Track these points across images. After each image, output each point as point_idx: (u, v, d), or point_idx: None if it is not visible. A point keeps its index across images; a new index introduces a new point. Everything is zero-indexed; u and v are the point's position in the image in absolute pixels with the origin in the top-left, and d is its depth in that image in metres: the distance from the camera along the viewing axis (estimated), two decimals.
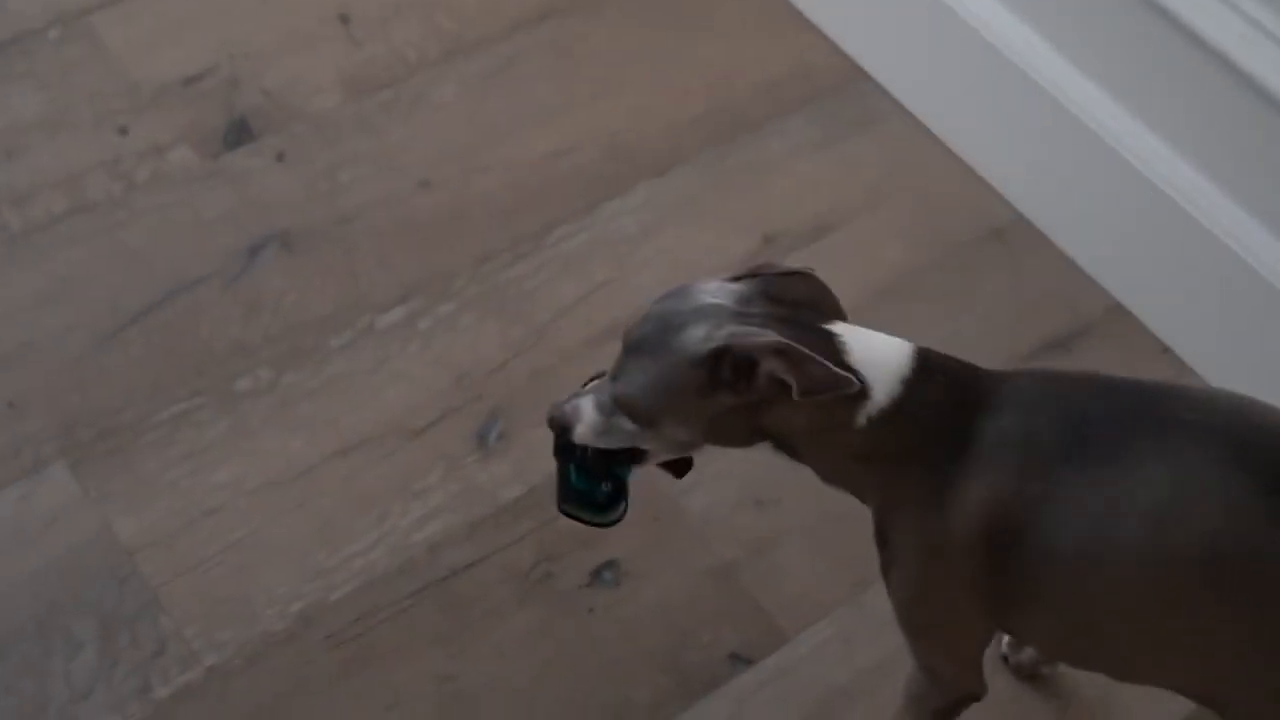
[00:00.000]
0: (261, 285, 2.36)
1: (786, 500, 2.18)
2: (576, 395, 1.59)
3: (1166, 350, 2.39)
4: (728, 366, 1.46)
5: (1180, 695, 1.62)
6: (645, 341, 1.51)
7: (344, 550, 2.11)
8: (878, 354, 1.50)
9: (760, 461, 2.20)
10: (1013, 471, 1.50)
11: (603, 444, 1.60)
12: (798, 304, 1.51)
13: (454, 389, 2.28)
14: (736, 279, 1.53)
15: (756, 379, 1.45)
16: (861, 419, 1.50)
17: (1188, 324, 2.34)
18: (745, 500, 2.19)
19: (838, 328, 1.51)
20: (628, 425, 1.56)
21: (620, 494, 1.69)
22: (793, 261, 2.47)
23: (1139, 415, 1.49)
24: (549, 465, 2.20)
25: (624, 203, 2.52)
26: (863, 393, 1.49)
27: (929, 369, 1.52)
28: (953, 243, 2.50)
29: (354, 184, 2.50)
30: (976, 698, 1.73)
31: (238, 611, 2.04)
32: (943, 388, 1.51)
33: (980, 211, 2.54)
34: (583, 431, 1.59)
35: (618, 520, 1.70)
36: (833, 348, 1.48)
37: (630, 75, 2.67)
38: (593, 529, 2.13)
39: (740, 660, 2.05)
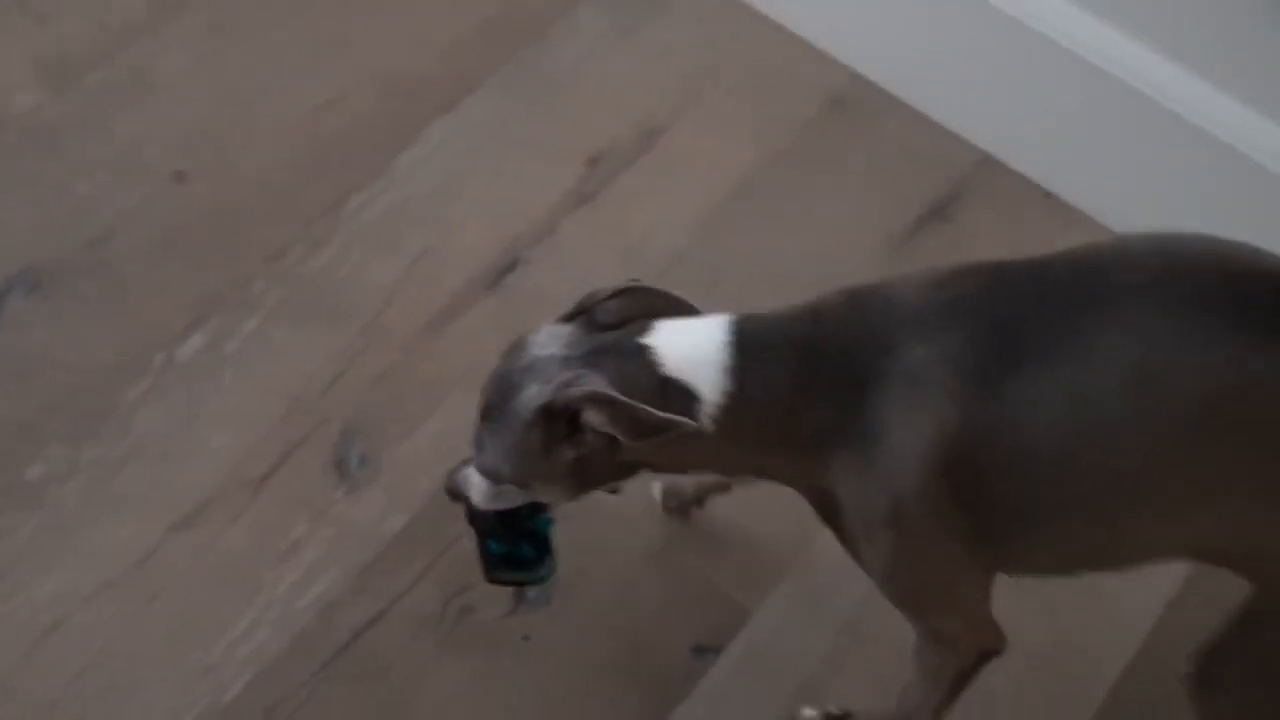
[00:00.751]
0: (20, 343, 2.10)
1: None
2: (463, 463, 1.67)
3: (1049, 196, 2.35)
4: (559, 423, 1.51)
5: (1200, 563, 1.60)
6: (491, 409, 1.58)
7: (222, 639, 1.91)
8: (694, 353, 1.51)
9: None
10: (945, 405, 1.45)
11: (501, 506, 1.68)
12: (627, 321, 1.55)
13: (290, 418, 2.08)
14: (567, 318, 1.58)
15: (585, 431, 1.50)
16: (710, 425, 1.51)
17: (1065, 163, 2.30)
18: None
19: (656, 336, 1.52)
20: (512, 488, 1.63)
21: (544, 548, 1.80)
22: (628, 182, 2.33)
23: (1063, 297, 1.45)
24: (428, 484, 2.03)
25: (418, 152, 2.33)
26: (694, 403, 1.50)
27: (756, 343, 1.51)
28: (794, 122, 2.39)
29: (96, 196, 2.24)
30: (997, 652, 1.67)
31: None
32: (783, 352, 1.50)
33: (814, 80, 2.43)
34: (477, 499, 1.68)
35: (550, 574, 1.82)
36: (648, 364, 1.51)
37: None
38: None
39: (706, 652, 1.94)
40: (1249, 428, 1.43)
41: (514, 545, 1.79)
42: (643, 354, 1.51)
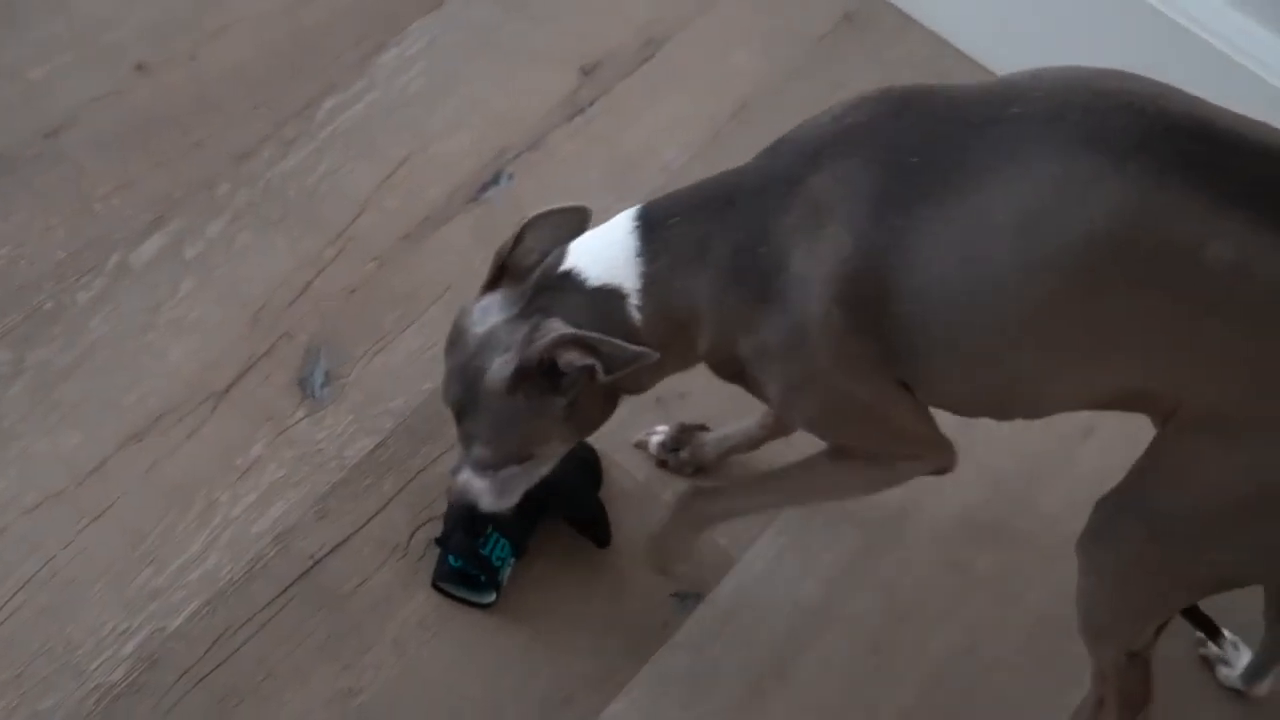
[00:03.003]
0: None
1: (691, 392, 2.05)
2: (457, 469, 1.75)
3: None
4: (537, 379, 1.61)
5: (1110, 409, 1.62)
6: (463, 404, 1.67)
7: (172, 562, 1.90)
8: (606, 253, 1.61)
9: None
10: (841, 232, 1.51)
11: (511, 499, 1.76)
12: (545, 255, 1.65)
13: (253, 329, 2.07)
14: (488, 287, 1.67)
15: (565, 375, 1.60)
16: (636, 318, 1.61)
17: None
18: (645, 399, 2.04)
19: (572, 258, 1.62)
20: (513, 469, 1.72)
21: (494, 581, 1.88)
22: (625, 94, 2.32)
23: (960, 129, 1.49)
24: (398, 402, 2.03)
25: (401, 52, 2.31)
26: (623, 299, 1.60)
27: (664, 218, 1.60)
28: (805, 38, 2.38)
29: (52, 81, 2.22)
30: (948, 468, 1.72)
31: (57, 668, 1.82)
32: (692, 216, 1.59)
33: None
34: (488, 502, 1.75)
35: (489, 604, 1.89)
36: (576, 286, 1.61)
37: None
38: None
39: (687, 598, 1.95)
40: (1137, 269, 1.45)
41: (470, 567, 1.87)
42: (569, 279, 1.61)
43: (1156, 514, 1.57)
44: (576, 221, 1.68)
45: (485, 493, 1.75)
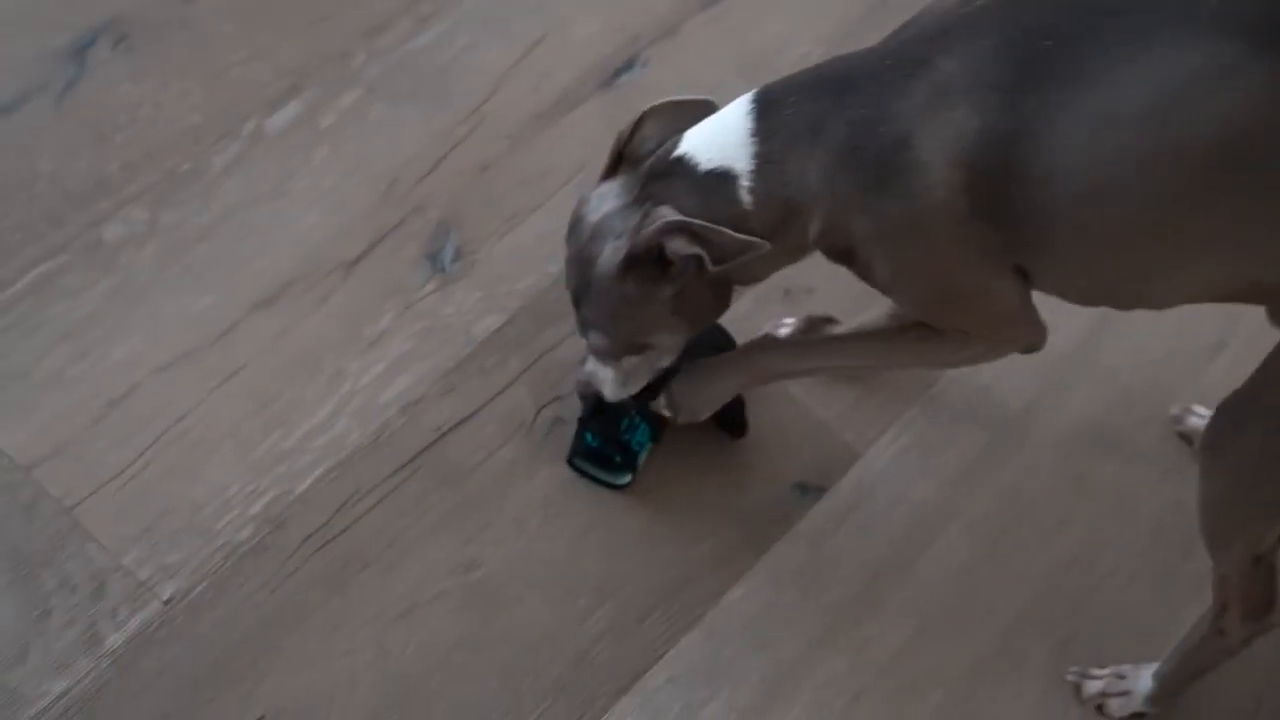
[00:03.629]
0: (103, 96, 2.10)
1: (820, 287, 2.05)
2: (582, 362, 1.79)
3: None
4: (646, 266, 1.63)
5: (1231, 301, 1.62)
6: (579, 290, 1.70)
7: (299, 427, 1.93)
8: (720, 136, 1.60)
9: None
10: (968, 117, 1.50)
11: (634, 387, 1.78)
12: (661, 144, 1.65)
13: (385, 201, 2.08)
14: (607, 174, 1.68)
15: (673, 262, 1.61)
16: (747, 201, 1.60)
17: None
18: (772, 293, 2.05)
19: (687, 143, 1.62)
20: (634, 359, 1.74)
21: (631, 463, 1.90)
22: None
23: (1093, 13, 1.47)
24: (527, 282, 2.05)
25: None
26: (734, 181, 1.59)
27: (782, 99, 1.59)
28: None
29: None
30: (1038, 348, 1.74)
31: (185, 524, 1.85)
32: (809, 94, 1.57)
33: None
34: (611, 390, 1.79)
35: (624, 485, 1.91)
36: (689, 171, 1.60)
37: None
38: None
39: (809, 490, 1.96)
40: (1267, 160, 1.44)
41: (607, 446, 1.89)
42: (681, 164, 1.61)
43: (1276, 413, 1.57)
44: (699, 112, 1.67)
45: (609, 381, 1.78)
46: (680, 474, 1.94)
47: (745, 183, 1.60)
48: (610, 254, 1.64)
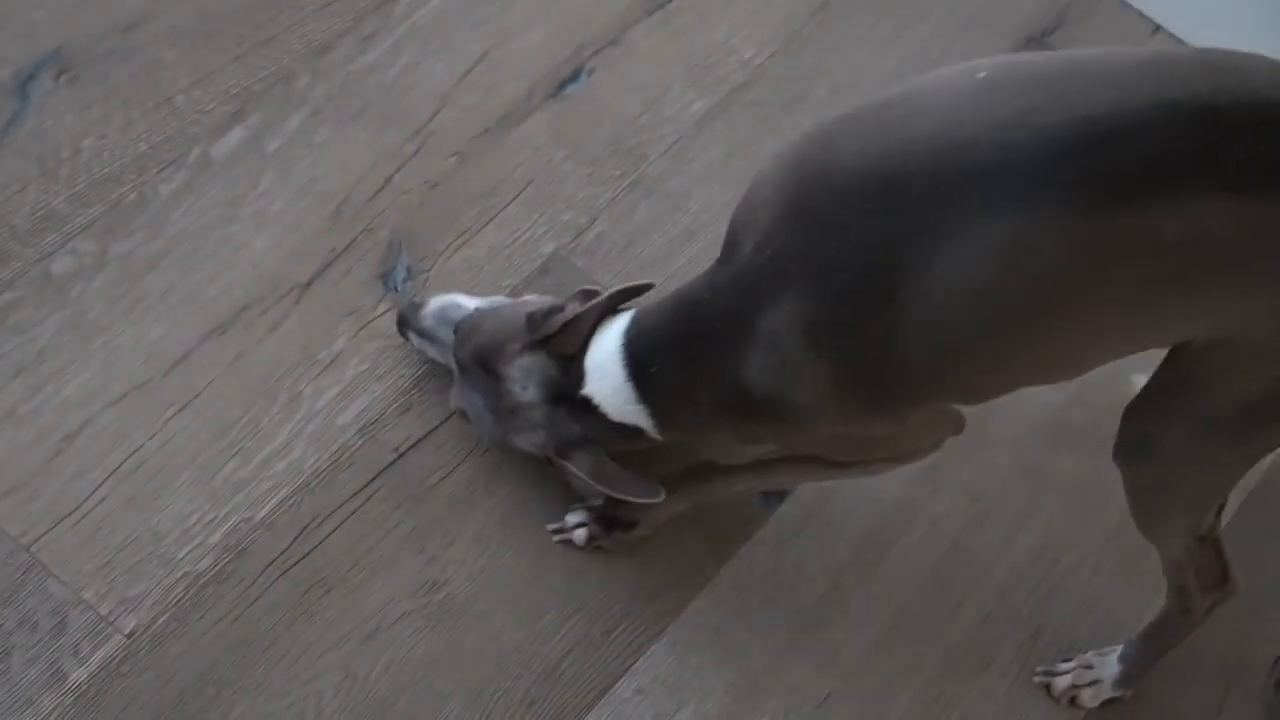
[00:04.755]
0: (47, 129, 2.10)
1: None
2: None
3: (1158, 29, 2.33)
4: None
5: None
6: (483, 394, 1.82)
7: (257, 453, 1.93)
8: (616, 398, 1.74)
9: None
10: (812, 365, 1.57)
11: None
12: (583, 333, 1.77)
13: (334, 223, 2.08)
14: (529, 344, 1.78)
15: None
16: (659, 437, 1.78)
17: None
18: None
19: (589, 382, 1.75)
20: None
21: None
22: None
23: (874, 220, 1.48)
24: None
25: None
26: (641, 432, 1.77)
27: (645, 365, 1.71)
28: None
29: None
30: (959, 433, 1.82)
31: (145, 556, 1.85)
32: (671, 368, 1.69)
33: None
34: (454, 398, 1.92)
35: None
36: (597, 413, 1.76)
37: None
38: None
39: (770, 496, 1.97)
40: (1114, 280, 1.45)
41: None
42: (592, 406, 1.75)
43: (1194, 419, 1.59)
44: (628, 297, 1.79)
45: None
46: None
47: (652, 433, 1.76)
48: (528, 440, 1.80)
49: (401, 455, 1.94)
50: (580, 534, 1.89)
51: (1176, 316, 1.50)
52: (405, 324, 1.93)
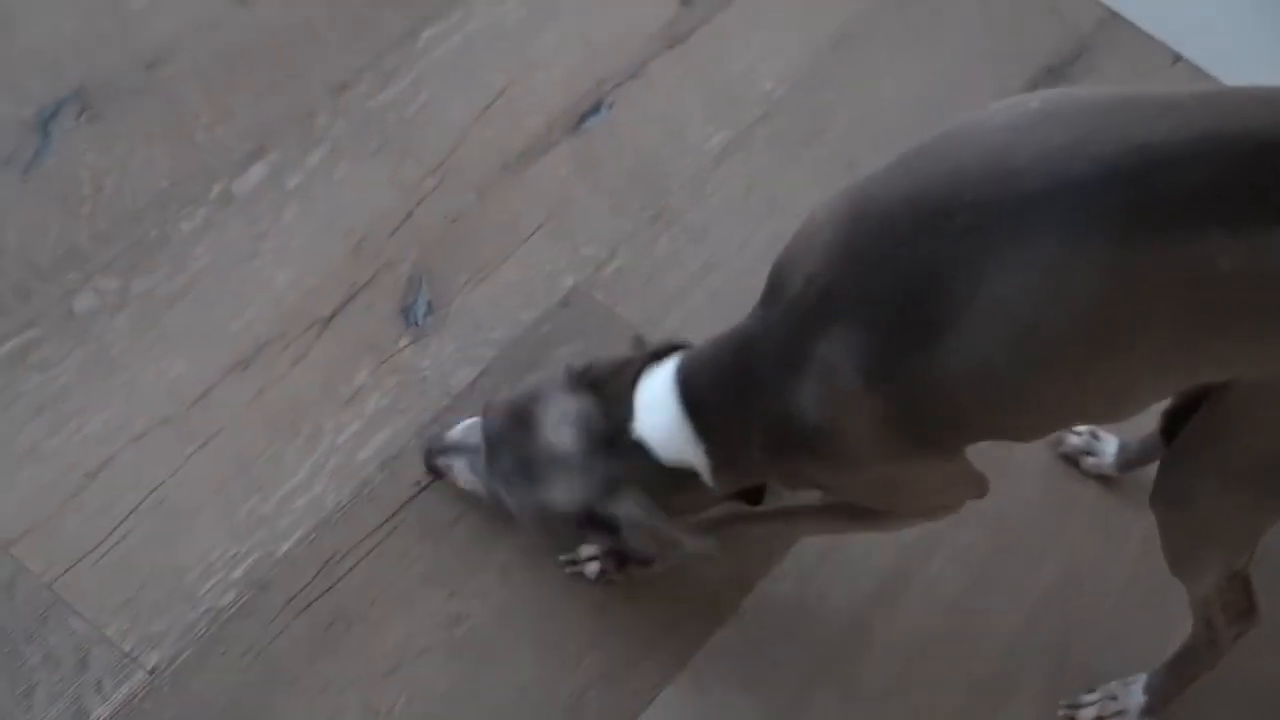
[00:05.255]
0: (69, 165, 2.11)
1: None
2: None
3: (1179, 59, 2.32)
4: (596, 521, 1.74)
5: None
6: (513, 470, 1.77)
7: (278, 489, 1.93)
8: (672, 439, 1.70)
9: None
10: (863, 396, 1.55)
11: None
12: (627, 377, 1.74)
13: (355, 258, 2.09)
14: (567, 385, 1.75)
15: (619, 531, 1.73)
16: (712, 485, 1.73)
17: (1197, 24, 2.27)
18: None
19: (640, 424, 1.71)
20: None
21: None
22: (724, 23, 2.33)
23: (926, 252, 1.48)
24: (500, 332, 2.06)
25: None
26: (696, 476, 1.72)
27: (701, 405, 1.68)
28: None
29: (152, 12, 2.24)
30: (980, 497, 1.78)
31: (167, 593, 1.85)
32: (727, 409, 1.66)
33: None
34: (463, 478, 1.91)
35: None
36: (647, 456, 1.71)
37: None
38: None
39: None
40: (1164, 311, 1.43)
41: None
42: (642, 450, 1.71)
43: (1229, 469, 1.58)
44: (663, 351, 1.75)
45: (465, 478, 1.90)
46: None
47: (707, 477, 1.71)
48: (564, 494, 1.73)
49: (423, 489, 1.94)
50: (593, 567, 1.88)
51: (1222, 351, 1.48)
52: (431, 455, 1.90)
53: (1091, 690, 1.88)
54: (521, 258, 2.10)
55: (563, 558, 1.90)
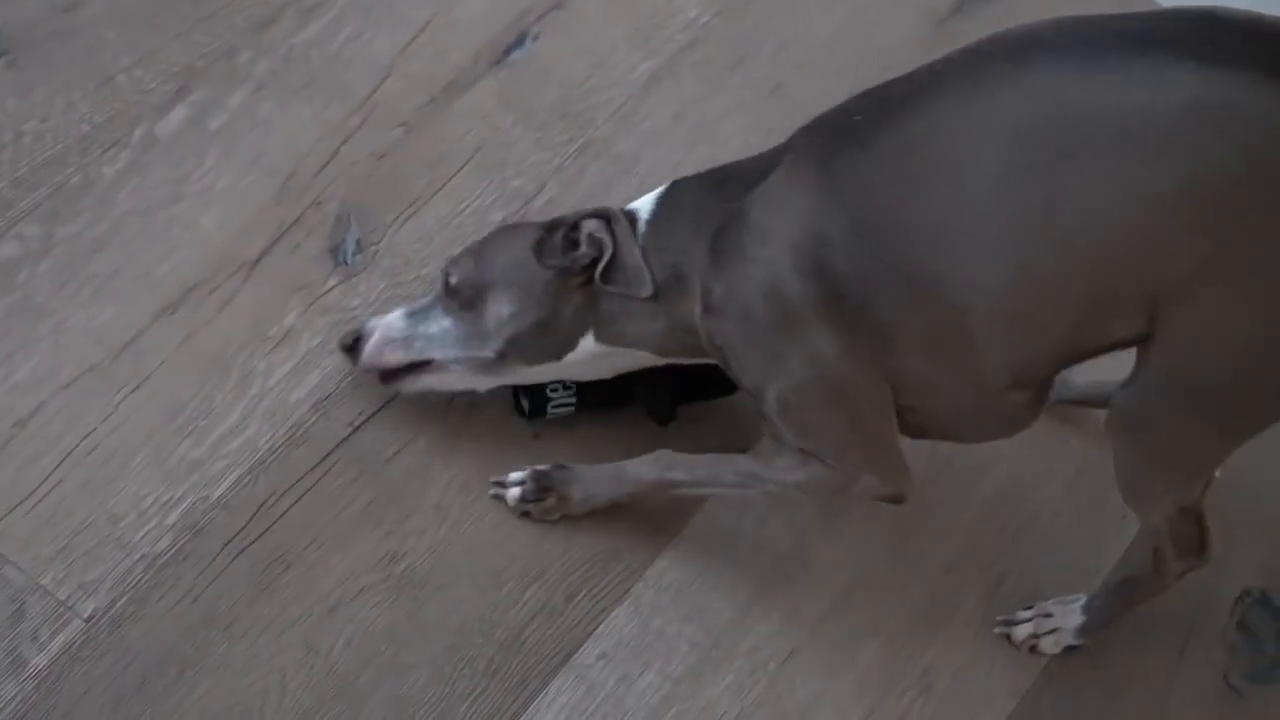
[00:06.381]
0: None
1: None
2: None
3: None
4: (556, 238, 1.79)
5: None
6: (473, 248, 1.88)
7: (211, 433, 1.92)
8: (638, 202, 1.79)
9: None
10: (805, 201, 1.61)
11: (422, 351, 1.87)
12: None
13: (282, 198, 2.07)
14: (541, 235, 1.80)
15: (579, 244, 1.77)
16: (643, 234, 1.78)
17: None
18: None
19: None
20: (460, 315, 1.85)
21: (540, 405, 1.93)
22: None
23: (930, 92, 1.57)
24: (431, 268, 2.05)
25: None
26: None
27: (676, 185, 1.77)
28: None
29: None
30: (903, 500, 1.78)
31: (102, 540, 1.84)
32: (697, 190, 1.74)
33: None
34: (380, 341, 1.89)
35: (526, 414, 1.94)
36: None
37: None
38: None
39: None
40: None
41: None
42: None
43: (1181, 389, 1.58)
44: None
45: (396, 329, 1.86)
46: (601, 450, 1.93)
47: (643, 228, 1.74)
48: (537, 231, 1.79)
49: (356, 429, 1.93)
50: (514, 493, 1.87)
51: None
52: (350, 336, 1.89)
53: (1028, 607, 1.89)
54: (450, 193, 2.09)
55: (493, 479, 1.89)
